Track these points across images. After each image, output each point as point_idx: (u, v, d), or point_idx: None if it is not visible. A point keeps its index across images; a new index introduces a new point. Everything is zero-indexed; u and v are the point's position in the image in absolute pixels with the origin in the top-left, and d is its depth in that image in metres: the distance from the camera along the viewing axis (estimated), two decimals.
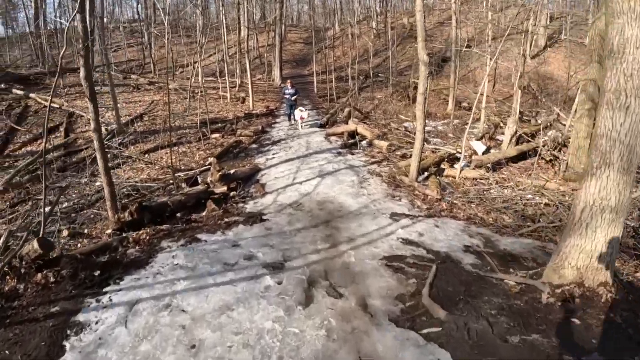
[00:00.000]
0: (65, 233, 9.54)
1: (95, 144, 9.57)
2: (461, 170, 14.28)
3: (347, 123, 19.95)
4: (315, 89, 32.81)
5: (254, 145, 17.93)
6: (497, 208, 11.22)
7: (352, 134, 18.28)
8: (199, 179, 13.79)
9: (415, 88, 29.57)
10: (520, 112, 24.12)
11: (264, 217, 9.95)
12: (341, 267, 7.15)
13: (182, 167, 15.87)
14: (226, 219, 9.84)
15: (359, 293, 6.23)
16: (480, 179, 14.10)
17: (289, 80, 21.47)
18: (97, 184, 14.57)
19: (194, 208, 11.15)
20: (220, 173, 12.47)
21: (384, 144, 16.74)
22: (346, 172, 13.65)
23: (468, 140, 17.75)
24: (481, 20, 36.00)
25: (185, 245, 8.10)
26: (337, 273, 6.90)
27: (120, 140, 19.16)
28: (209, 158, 15.32)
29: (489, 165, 14.97)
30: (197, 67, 27.89)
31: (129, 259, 7.55)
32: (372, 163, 15.02)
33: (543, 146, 16.45)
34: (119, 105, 23.64)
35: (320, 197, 11.38)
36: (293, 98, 20.50)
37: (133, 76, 32.42)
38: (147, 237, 8.69)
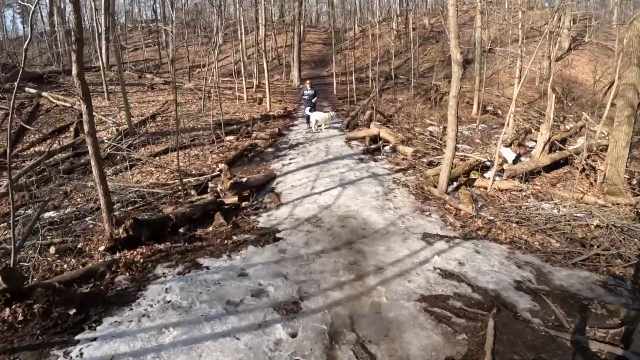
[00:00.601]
0: (52, 250, 8.18)
1: (90, 150, 8.44)
2: (493, 180, 12.80)
3: (368, 127, 18.53)
4: (335, 91, 31.42)
5: (270, 149, 16.57)
6: (541, 229, 9.74)
7: (375, 139, 16.86)
8: (210, 186, 12.53)
9: (437, 90, 28.51)
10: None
11: (278, 235, 8.60)
12: (370, 310, 5.72)
13: (194, 172, 14.79)
14: (235, 237, 8.49)
15: (395, 355, 4.80)
16: (514, 191, 12.67)
17: (308, 81, 20.11)
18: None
19: (201, 221, 9.84)
20: (231, 181, 11.09)
21: (408, 150, 15.32)
22: (369, 182, 12.24)
23: (497, 147, 16.46)
24: (504, 22, 35.03)
25: (183, 273, 6.73)
26: (365, 321, 5.46)
27: (130, 142, 18.04)
28: (220, 164, 13.88)
29: (521, 175, 13.56)
30: (214, 67, 26.75)
31: (115, 290, 6.23)
32: (397, 171, 13.60)
33: (577, 154, 15.11)
34: (131, 105, 22.63)
35: (342, 211, 10.00)
36: (313, 100, 19.08)
37: (148, 75, 31.25)
38: (141, 260, 7.41)
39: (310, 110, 19.23)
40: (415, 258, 7.52)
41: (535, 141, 17.50)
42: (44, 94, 23.49)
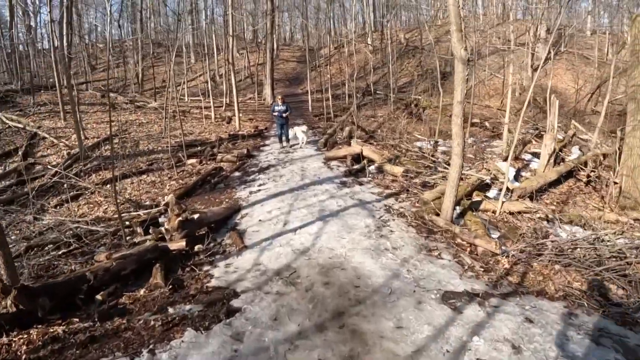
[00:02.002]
0: None
1: None
2: (502, 202, 10.18)
3: (349, 144, 15.81)
4: (310, 108, 28.71)
5: (236, 174, 13.70)
6: (584, 266, 7.03)
7: (357, 158, 14.12)
8: (161, 220, 9.68)
9: (418, 105, 26.04)
10: (536, 128, 20.41)
11: (235, 304, 5.82)
12: None
13: (147, 202, 12.01)
14: (171, 310, 5.69)
15: None
16: (526, 213, 10.13)
17: (279, 96, 17.21)
18: (45, 221, 11.08)
19: (138, 274, 6.96)
20: (179, 219, 8.22)
21: (398, 169, 12.58)
22: (356, 212, 9.46)
23: (494, 162, 13.95)
24: (482, 34, 33.50)
25: None
26: None
27: (81, 167, 15.23)
28: (167, 196, 10.86)
29: (530, 193, 11.14)
30: (181, 86, 24.17)
31: None
32: (388, 196, 10.85)
33: (584, 166, 13.15)
34: (88, 126, 19.82)
35: (325, 258, 7.19)
36: (284, 115, 16.23)
37: (112, 94, 28.21)
38: (24, 356, 4.56)
39: (283, 128, 16.39)
40: (443, 342, 4.74)
41: (533, 154, 15.51)
42: None
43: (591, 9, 42.17)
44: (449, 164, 13.42)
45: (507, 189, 11.08)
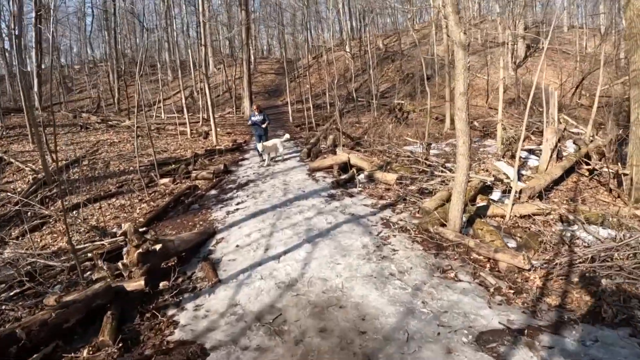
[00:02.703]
0: None
1: None
2: (512, 205, 8.77)
3: (334, 153, 14.33)
4: (291, 119, 27.19)
5: (213, 192, 12.11)
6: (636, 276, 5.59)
7: (344, 167, 12.63)
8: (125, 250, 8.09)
9: (402, 109, 24.61)
10: (527, 125, 19.08)
11: None
12: None
13: (114, 229, 10.32)
14: None
15: None
16: (538, 215, 8.80)
17: (254, 105, 15.73)
18: (5, 255, 9.48)
19: (86, 325, 5.46)
20: (139, 251, 6.67)
21: (391, 176, 11.11)
22: (351, 229, 7.97)
23: (491, 162, 12.69)
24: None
25: None
26: None
27: (46, 193, 13.61)
28: (123, 225, 9.17)
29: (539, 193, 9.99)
30: (158, 104, 22.67)
31: None
32: (384, 207, 9.37)
33: (588, 159, 11.97)
34: (59, 148, 18.09)
35: (317, 293, 5.69)
36: (263, 126, 14.69)
37: (84, 115, 26.49)
38: None
39: (261, 139, 14.83)
40: None
41: (528, 151, 14.31)
42: None
43: (567, 5, 41.57)
44: (445, 168, 12.06)
45: (511, 190, 9.74)
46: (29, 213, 11.91)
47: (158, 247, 6.86)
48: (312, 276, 6.14)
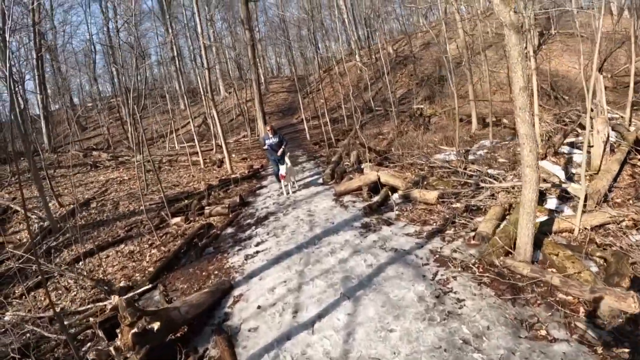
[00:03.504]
0: None
1: None
2: (582, 214, 7.09)
3: (360, 171, 12.66)
4: (308, 136, 25.65)
5: (229, 230, 10.49)
6: None
7: (375, 187, 10.96)
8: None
9: (422, 114, 22.90)
10: (559, 115, 17.24)
11: None
12: None
13: (122, 283, 8.90)
14: None
15: None
16: (610, 224, 7.11)
17: (268, 126, 13.81)
18: (6, 318, 8.25)
19: None
20: (134, 330, 5.10)
21: (431, 195, 9.39)
22: (397, 272, 6.32)
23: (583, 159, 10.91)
24: (472, 31, 31.00)
25: None
26: None
27: (51, 242, 12.16)
28: (113, 298, 7.45)
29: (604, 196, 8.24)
30: (171, 135, 21.33)
31: None
32: (431, 235, 7.69)
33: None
34: (65, 191, 16.88)
35: None
36: (279, 151, 13.01)
37: (95, 153, 25.28)
38: None
39: (279, 164, 12.92)
40: None
41: (571, 145, 12.31)
42: None
43: None
44: (489, 177, 10.31)
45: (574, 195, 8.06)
46: (34, 267, 10.45)
47: (156, 325, 5.23)
48: (359, 356, 4.47)
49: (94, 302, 8.08)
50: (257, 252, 8.29)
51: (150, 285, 8.04)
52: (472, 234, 7.44)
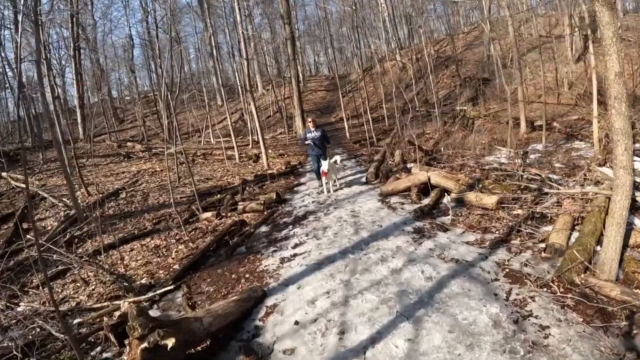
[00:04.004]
0: None
1: None
2: None
3: (407, 171, 11.57)
4: (348, 135, 24.70)
5: (263, 229, 9.54)
6: None
7: (424, 188, 9.85)
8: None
9: (465, 116, 21.60)
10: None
11: None
12: None
13: (143, 280, 8.16)
14: None
15: None
16: None
17: (310, 120, 12.79)
18: (20, 309, 7.56)
19: None
20: (143, 345, 4.17)
21: (490, 199, 8.26)
22: (464, 288, 5.26)
23: (595, 169, 9.50)
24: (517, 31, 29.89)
25: None
26: None
27: (75, 231, 11.38)
28: (122, 304, 6.37)
29: None
30: (208, 129, 20.69)
31: None
32: (494, 245, 6.62)
33: None
34: (96, 180, 16.27)
35: None
36: (322, 147, 12.14)
37: (129, 144, 24.69)
38: None
39: (320, 161, 11.76)
40: None
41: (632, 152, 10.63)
42: (4, 174, 17.00)
43: None
44: (552, 181, 9.14)
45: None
46: (55, 255, 9.68)
47: (171, 342, 4.24)
48: None
49: (110, 300, 7.36)
50: (295, 255, 7.30)
51: (173, 286, 7.16)
52: (542, 245, 6.36)
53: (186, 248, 9.46)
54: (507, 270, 5.68)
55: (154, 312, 6.37)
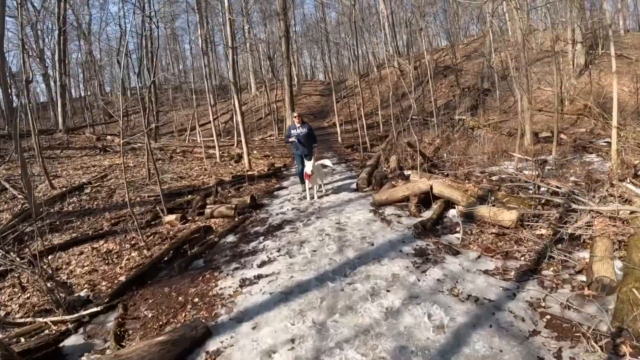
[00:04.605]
0: None
1: None
2: None
3: (403, 177, 9.81)
4: (340, 139, 23.12)
5: (230, 238, 7.73)
6: None
7: (425, 198, 8.11)
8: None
9: (464, 125, 20.07)
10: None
11: None
12: None
13: (83, 291, 6.62)
14: None
15: None
16: None
17: (295, 114, 10.83)
18: None
19: None
20: None
21: (509, 215, 6.52)
22: (491, 349, 3.48)
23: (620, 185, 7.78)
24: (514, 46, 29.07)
25: None
26: None
27: (26, 227, 9.74)
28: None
29: None
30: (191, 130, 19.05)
31: None
32: (521, 277, 4.91)
33: None
34: (64, 172, 14.89)
35: None
36: (307, 146, 10.36)
37: (109, 137, 22.95)
38: None
39: (304, 161, 9.87)
40: None
41: None
42: None
43: (620, 7, 36.17)
44: (576, 196, 7.45)
45: None
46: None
47: None
48: None
49: (40, 314, 5.92)
50: (260, 276, 5.51)
51: (106, 305, 5.49)
52: (581, 278, 4.70)
53: (139, 256, 7.74)
54: (547, 316, 3.98)
55: (77, 338, 4.88)
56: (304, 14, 54.47)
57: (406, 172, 10.31)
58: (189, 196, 10.98)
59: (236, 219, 8.75)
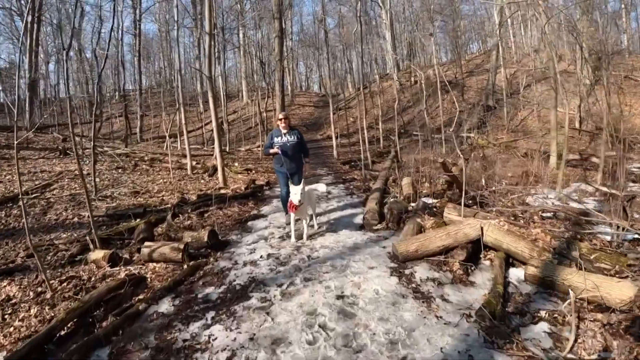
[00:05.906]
0: None
1: None
2: None
3: (433, 214, 6.78)
4: (336, 154, 20.23)
5: (164, 307, 4.61)
6: None
7: (474, 249, 5.16)
8: None
9: (472, 144, 17.53)
10: None
11: None
12: None
13: None
14: None
15: None
16: None
17: (280, 117, 7.29)
18: None
19: None
20: None
21: (622, 290, 3.59)
22: None
23: None
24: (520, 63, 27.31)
25: None
26: None
27: None
28: None
29: None
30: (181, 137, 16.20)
31: None
32: None
33: None
34: (7, 178, 11.83)
35: None
36: (294, 161, 7.20)
37: (77, 139, 19.98)
38: None
39: (291, 182, 6.69)
40: None
41: None
42: None
43: (624, 27, 35.58)
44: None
45: None
46: None
47: None
48: None
49: None
50: None
51: None
52: None
53: (38, 316, 4.79)
54: None
55: None
56: (301, 23, 52.24)
57: (428, 201, 7.37)
58: (136, 220, 7.94)
59: (185, 266, 5.70)
